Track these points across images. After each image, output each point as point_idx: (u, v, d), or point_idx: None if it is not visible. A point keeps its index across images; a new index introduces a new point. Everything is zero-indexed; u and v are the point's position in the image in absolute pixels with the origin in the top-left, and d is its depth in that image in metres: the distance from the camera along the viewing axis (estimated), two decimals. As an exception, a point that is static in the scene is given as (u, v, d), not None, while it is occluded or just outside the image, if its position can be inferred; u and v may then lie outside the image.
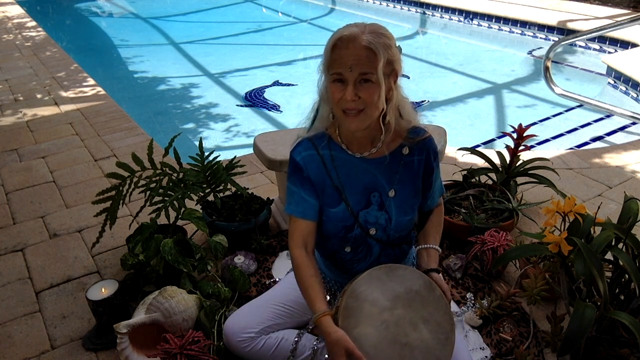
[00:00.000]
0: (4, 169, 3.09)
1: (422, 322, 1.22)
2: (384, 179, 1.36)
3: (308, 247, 1.36)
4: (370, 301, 1.23)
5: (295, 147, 1.37)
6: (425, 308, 1.23)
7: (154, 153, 2.01)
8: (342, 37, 1.18)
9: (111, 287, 1.74)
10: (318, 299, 1.26)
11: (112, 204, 1.95)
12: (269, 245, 2.16)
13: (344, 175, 1.35)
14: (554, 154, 3.05)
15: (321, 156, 1.35)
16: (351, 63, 1.17)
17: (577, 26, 5.72)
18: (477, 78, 5.14)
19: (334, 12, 8.69)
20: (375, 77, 1.18)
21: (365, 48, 1.16)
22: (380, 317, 1.21)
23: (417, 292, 1.25)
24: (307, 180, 1.35)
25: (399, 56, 1.24)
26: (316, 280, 1.30)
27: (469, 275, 1.98)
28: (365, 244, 1.42)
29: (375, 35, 1.18)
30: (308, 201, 1.35)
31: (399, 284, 1.25)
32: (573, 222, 1.49)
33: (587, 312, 1.34)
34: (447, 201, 2.24)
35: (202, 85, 5.25)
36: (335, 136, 1.36)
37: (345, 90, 1.19)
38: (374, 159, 1.35)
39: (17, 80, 4.84)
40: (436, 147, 1.40)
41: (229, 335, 1.47)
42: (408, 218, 1.41)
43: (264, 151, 2.16)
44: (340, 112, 1.24)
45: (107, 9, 9.71)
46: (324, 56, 1.24)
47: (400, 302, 1.23)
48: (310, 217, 1.36)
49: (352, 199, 1.37)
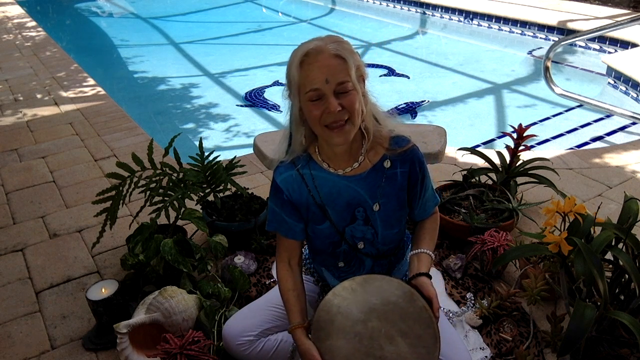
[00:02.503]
0: (4, 169, 3.09)
1: (399, 335, 1.17)
2: (367, 194, 1.33)
3: (292, 261, 1.40)
4: (343, 314, 1.21)
5: (277, 168, 1.36)
6: (404, 321, 1.18)
7: (154, 153, 2.01)
8: (309, 52, 1.15)
9: (111, 287, 1.74)
10: (293, 312, 1.33)
11: (112, 204, 1.95)
12: (269, 245, 2.16)
13: (326, 194, 1.33)
14: (554, 154, 3.05)
15: (302, 175, 1.33)
16: (326, 75, 1.14)
17: (577, 26, 5.72)
18: (477, 78, 5.14)
19: (334, 12, 8.68)
20: (351, 84, 1.16)
21: (335, 56, 1.14)
22: (352, 330, 1.20)
23: (395, 304, 1.19)
24: (287, 203, 1.35)
25: (361, 60, 1.22)
26: (293, 294, 1.36)
27: (469, 275, 1.98)
28: (356, 258, 1.42)
29: (338, 43, 1.17)
30: (289, 222, 1.37)
31: (374, 295, 1.21)
32: (573, 222, 1.49)
33: (587, 312, 1.34)
34: (447, 201, 2.24)
35: (202, 85, 5.25)
36: (315, 155, 1.34)
37: (324, 105, 1.16)
38: (356, 176, 1.32)
39: (17, 80, 4.84)
40: (421, 156, 1.35)
41: (228, 338, 1.46)
42: (395, 231, 1.39)
43: (264, 151, 2.16)
44: (323, 130, 1.20)
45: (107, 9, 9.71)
46: (290, 79, 1.20)
47: (375, 314, 1.19)
48: (292, 237, 1.39)
49: (336, 216, 1.35)
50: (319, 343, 1.23)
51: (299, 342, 1.27)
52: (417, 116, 4.31)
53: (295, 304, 1.35)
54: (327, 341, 1.21)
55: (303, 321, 1.31)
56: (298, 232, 1.39)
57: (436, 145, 2.16)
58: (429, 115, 4.32)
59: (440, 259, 2.07)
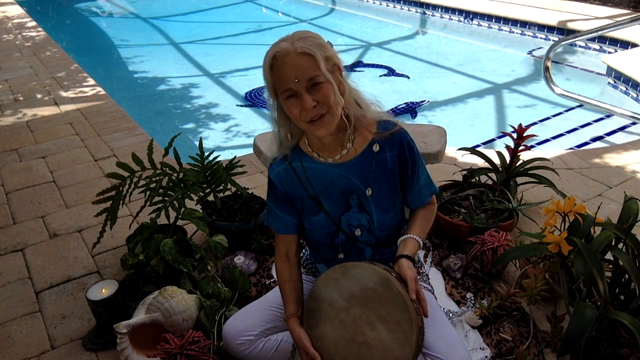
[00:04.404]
0: (4, 169, 3.09)
1: (379, 321, 1.20)
2: (359, 180, 1.35)
3: (289, 252, 1.45)
4: (328, 302, 1.26)
5: (271, 164, 1.42)
6: (383, 306, 1.20)
7: (154, 153, 2.01)
8: (276, 55, 1.19)
9: (111, 287, 1.74)
10: (288, 302, 1.40)
11: (112, 204, 1.95)
12: (269, 245, 2.16)
13: (318, 184, 1.36)
14: (554, 154, 3.05)
15: (294, 168, 1.37)
16: (295, 74, 1.17)
17: (577, 26, 5.72)
18: (477, 78, 5.14)
19: (334, 12, 8.69)
20: (323, 77, 1.19)
21: (301, 55, 1.17)
22: (337, 317, 1.25)
23: (372, 290, 1.21)
24: (281, 198, 1.41)
25: (333, 50, 1.25)
26: (289, 284, 1.42)
27: (469, 275, 1.98)
28: (355, 247, 1.42)
29: (304, 40, 1.19)
30: (282, 218, 1.42)
31: (354, 283, 1.24)
32: (573, 222, 1.49)
33: (587, 312, 1.34)
34: (447, 201, 2.24)
35: (202, 85, 5.25)
36: (305, 147, 1.37)
37: (301, 102, 1.20)
38: (346, 162, 1.34)
39: (17, 80, 4.84)
40: (411, 139, 1.36)
41: (228, 338, 1.46)
42: (390, 216, 1.40)
43: (264, 151, 2.16)
44: (306, 125, 1.24)
45: (107, 9, 9.72)
46: (266, 83, 1.25)
47: (357, 301, 1.23)
48: (284, 232, 1.44)
49: (330, 205, 1.37)
50: (309, 330, 1.31)
51: (292, 330, 1.34)
52: (417, 116, 4.31)
53: (290, 294, 1.41)
54: (317, 328, 1.28)
55: (297, 311, 1.37)
56: (291, 227, 1.43)
57: (436, 145, 2.16)
58: (429, 115, 4.32)
59: (440, 259, 2.07)
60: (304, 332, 1.32)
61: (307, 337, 1.30)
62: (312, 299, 1.30)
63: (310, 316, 1.30)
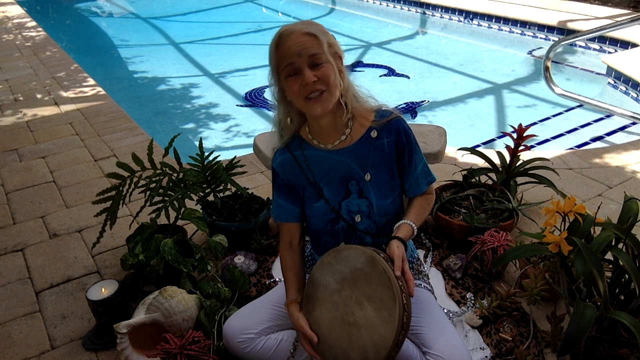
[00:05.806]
0: (4, 169, 3.09)
1: (366, 301, 1.22)
2: (357, 166, 1.38)
3: (293, 242, 1.50)
4: (323, 285, 1.30)
5: (274, 154, 1.46)
6: (369, 285, 1.22)
7: (154, 153, 2.01)
8: (282, 34, 1.25)
9: (111, 287, 1.74)
10: (290, 289, 1.44)
11: (112, 204, 1.95)
12: (269, 245, 2.16)
13: (318, 170, 1.40)
14: (554, 154, 3.05)
15: (295, 157, 1.41)
16: (298, 49, 1.22)
17: (577, 26, 5.72)
18: (477, 78, 5.14)
19: (334, 12, 8.69)
20: (325, 56, 1.24)
21: (306, 34, 1.23)
22: (331, 300, 1.28)
23: (360, 270, 1.24)
24: (282, 186, 1.45)
25: (336, 41, 1.30)
26: (291, 272, 1.47)
27: (469, 275, 1.98)
28: (356, 236, 1.44)
29: (310, 24, 1.26)
30: (283, 206, 1.47)
31: (345, 265, 1.27)
32: (573, 222, 1.49)
33: (587, 312, 1.34)
34: (447, 201, 2.24)
35: (202, 85, 5.25)
36: (305, 134, 1.42)
37: (301, 78, 1.23)
38: (345, 148, 1.38)
39: (17, 80, 4.84)
40: (408, 127, 1.38)
41: (229, 336, 1.47)
42: (389, 201, 1.42)
43: (264, 151, 2.16)
44: (304, 102, 1.27)
45: (107, 9, 9.72)
46: (270, 63, 1.29)
47: (347, 283, 1.25)
48: (285, 219, 1.48)
49: (330, 192, 1.41)
50: (308, 315, 1.34)
51: (292, 315, 1.38)
52: (417, 116, 4.31)
53: (292, 281, 1.45)
54: (314, 312, 1.32)
55: (297, 297, 1.41)
56: (293, 215, 1.47)
57: (436, 145, 2.16)
58: (429, 115, 4.32)
59: (440, 259, 2.07)
60: (302, 316, 1.34)
61: (305, 320, 1.33)
62: (310, 284, 1.34)
63: (308, 301, 1.34)
